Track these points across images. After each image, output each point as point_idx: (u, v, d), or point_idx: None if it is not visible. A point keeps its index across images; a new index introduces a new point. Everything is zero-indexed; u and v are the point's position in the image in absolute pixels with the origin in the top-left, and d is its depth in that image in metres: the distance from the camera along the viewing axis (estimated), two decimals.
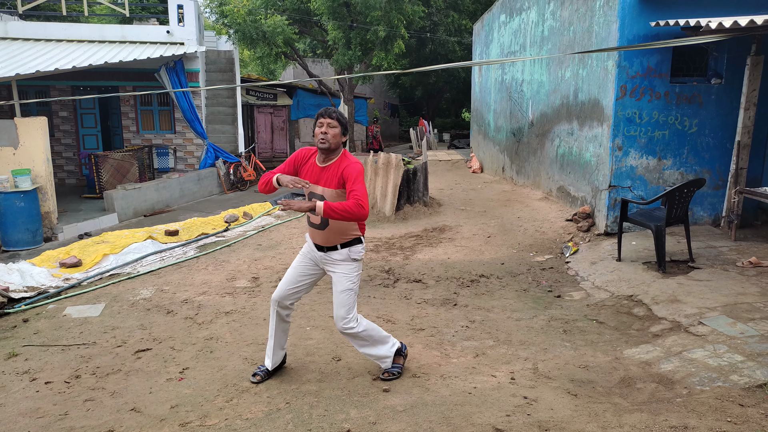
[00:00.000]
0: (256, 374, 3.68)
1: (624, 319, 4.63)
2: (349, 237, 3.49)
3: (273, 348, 3.69)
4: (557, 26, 8.44)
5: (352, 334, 3.54)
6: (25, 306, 5.34)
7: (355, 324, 3.51)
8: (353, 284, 3.51)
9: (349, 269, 3.51)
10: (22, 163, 9.59)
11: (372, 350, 3.63)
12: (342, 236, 3.47)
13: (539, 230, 7.44)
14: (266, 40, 17.13)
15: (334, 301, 3.51)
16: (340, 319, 3.50)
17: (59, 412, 3.40)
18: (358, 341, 3.60)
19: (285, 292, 3.59)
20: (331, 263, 3.52)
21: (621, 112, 6.57)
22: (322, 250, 3.52)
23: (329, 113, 3.36)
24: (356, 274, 3.54)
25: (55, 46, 12.89)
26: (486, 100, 13.66)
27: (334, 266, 3.52)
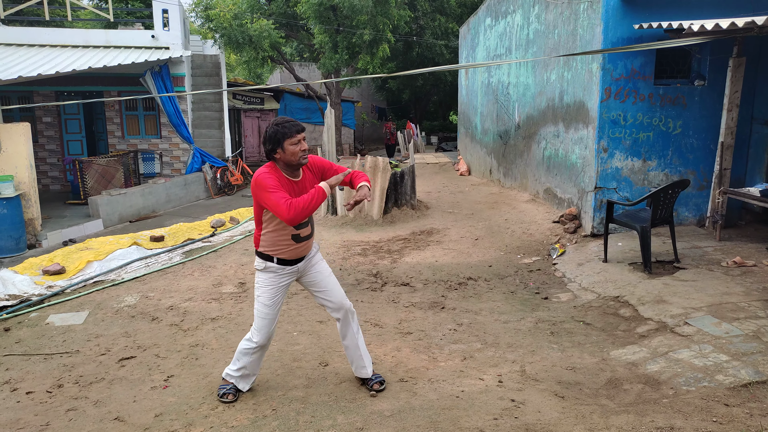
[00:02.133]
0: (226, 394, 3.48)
1: (611, 320, 4.64)
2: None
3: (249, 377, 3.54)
4: (542, 29, 8.49)
5: (354, 312, 3.55)
6: (6, 315, 5.25)
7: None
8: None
9: (321, 255, 3.56)
10: (5, 170, 9.46)
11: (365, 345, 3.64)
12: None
13: (526, 232, 7.46)
14: (252, 44, 17.09)
15: (330, 286, 3.45)
16: (344, 296, 3.49)
17: (41, 422, 3.34)
18: (357, 323, 3.57)
19: (271, 332, 3.42)
20: (308, 262, 3.44)
21: (606, 114, 6.61)
22: (302, 259, 3.40)
23: (300, 126, 3.18)
24: None
25: (38, 51, 12.76)
26: (473, 102, 13.70)
27: (312, 261, 3.46)
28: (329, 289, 3.46)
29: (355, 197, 3.18)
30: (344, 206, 3.26)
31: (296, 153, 3.14)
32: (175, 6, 13.89)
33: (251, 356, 3.45)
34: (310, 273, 3.45)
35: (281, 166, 3.21)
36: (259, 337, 3.38)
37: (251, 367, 3.49)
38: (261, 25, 16.85)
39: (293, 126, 3.14)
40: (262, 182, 3.10)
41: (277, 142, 3.13)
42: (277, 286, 3.36)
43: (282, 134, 3.11)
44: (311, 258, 3.46)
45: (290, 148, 3.13)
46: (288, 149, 3.13)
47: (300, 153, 3.16)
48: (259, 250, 3.34)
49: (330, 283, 3.46)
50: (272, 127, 3.14)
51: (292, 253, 3.32)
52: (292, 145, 3.13)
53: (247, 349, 3.43)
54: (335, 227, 8.34)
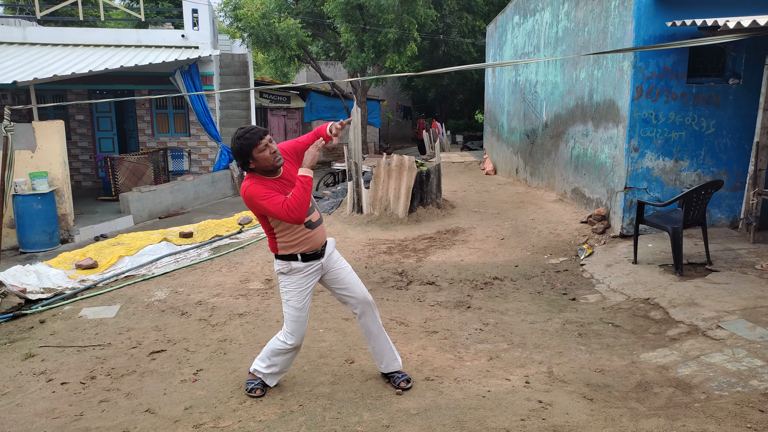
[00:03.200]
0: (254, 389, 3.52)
1: (640, 323, 4.57)
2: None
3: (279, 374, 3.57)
4: (572, 27, 8.38)
5: (375, 305, 3.56)
6: (41, 307, 5.40)
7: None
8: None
9: (338, 253, 3.55)
10: (40, 166, 9.72)
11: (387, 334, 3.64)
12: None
13: (553, 232, 7.38)
14: (280, 44, 17.23)
15: (353, 281, 3.47)
16: (365, 292, 3.50)
17: (75, 412, 3.42)
18: (378, 318, 3.58)
19: (303, 333, 3.45)
20: (329, 259, 3.44)
21: (637, 113, 6.50)
22: (323, 254, 3.39)
23: (262, 132, 3.10)
24: None
25: (72, 50, 13.07)
26: (499, 101, 13.60)
27: (332, 256, 3.46)
28: (352, 284, 3.47)
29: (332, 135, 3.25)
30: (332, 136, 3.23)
31: (268, 158, 3.09)
32: (204, 6, 14.08)
33: (284, 356, 3.49)
34: (333, 270, 3.46)
35: (260, 173, 3.17)
36: (293, 340, 3.41)
37: (282, 365, 3.53)
38: (288, 25, 16.98)
39: (255, 134, 3.08)
40: (252, 195, 3.09)
41: (246, 155, 3.09)
42: (305, 287, 3.36)
43: (247, 146, 3.07)
44: (331, 255, 3.46)
45: (260, 156, 3.08)
46: (258, 157, 3.08)
47: (271, 157, 3.10)
48: (279, 253, 3.33)
49: (352, 279, 3.48)
50: (236, 142, 3.11)
51: (312, 243, 3.30)
52: (260, 152, 3.08)
53: (281, 350, 3.46)
54: (360, 225, 8.37)
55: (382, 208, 8.69)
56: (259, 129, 3.13)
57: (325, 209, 9.38)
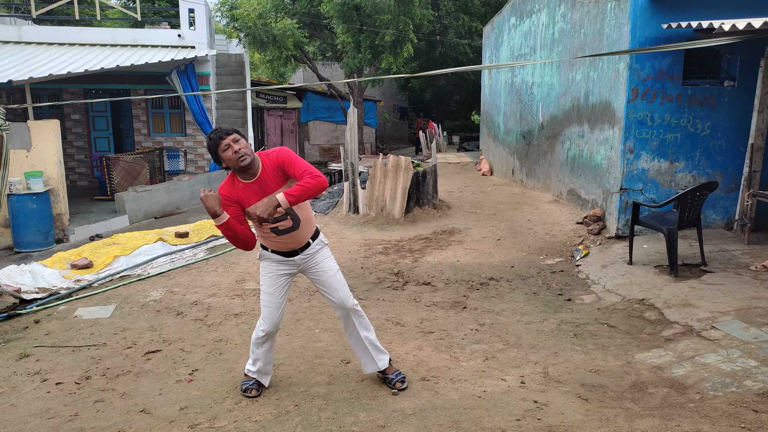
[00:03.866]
0: (249, 389, 3.52)
1: (635, 323, 4.58)
2: (313, 228, 3.42)
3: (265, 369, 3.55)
4: (568, 29, 8.41)
5: (359, 311, 3.50)
6: (36, 307, 5.38)
7: (357, 303, 3.52)
8: (336, 264, 3.52)
9: (328, 253, 3.49)
10: (35, 166, 9.68)
11: (373, 336, 3.57)
12: (310, 228, 3.37)
13: (549, 233, 7.40)
14: (276, 44, 17.24)
15: (334, 286, 3.42)
16: (348, 298, 3.45)
17: (70, 412, 3.41)
18: (362, 322, 3.52)
19: (277, 319, 3.42)
20: (309, 259, 3.41)
21: (632, 114, 6.52)
22: (297, 254, 3.38)
23: (226, 132, 3.11)
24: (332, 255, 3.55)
25: (68, 49, 13.03)
26: (496, 102, 13.62)
27: (315, 258, 3.42)
28: (333, 288, 3.43)
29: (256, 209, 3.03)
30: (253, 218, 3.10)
31: (231, 158, 3.10)
32: (201, 5, 14.06)
33: (261, 346, 3.46)
34: (314, 270, 3.43)
35: (236, 172, 3.20)
36: (265, 326, 3.41)
37: (264, 359, 3.51)
38: (285, 25, 16.99)
39: (218, 134, 3.11)
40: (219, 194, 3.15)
41: (215, 154, 3.14)
42: (276, 274, 3.39)
43: (213, 146, 3.12)
44: (313, 255, 3.41)
45: (224, 156, 3.11)
46: (224, 157, 3.12)
47: (234, 156, 3.09)
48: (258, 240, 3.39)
49: (334, 282, 3.43)
50: (207, 142, 3.17)
51: (279, 246, 3.33)
52: (223, 152, 3.10)
53: (257, 338, 3.46)
54: (357, 226, 8.37)
55: (378, 209, 8.69)
56: (223, 129, 3.14)
57: (321, 209, 9.38)
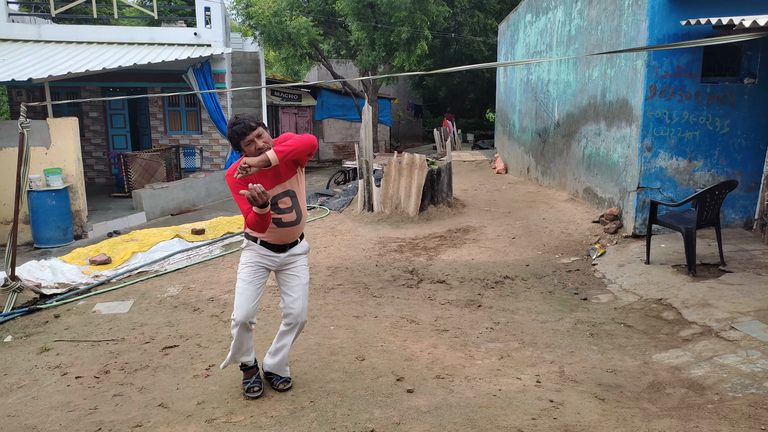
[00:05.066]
0: (251, 388, 3.49)
1: (653, 323, 4.54)
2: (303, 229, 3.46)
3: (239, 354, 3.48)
4: (585, 25, 8.33)
5: (303, 327, 3.50)
6: (56, 302, 5.46)
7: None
8: (307, 276, 3.49)
9: (306, 260, 3.49)
10: (54, 163, 9.82)
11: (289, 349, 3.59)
12: (304, 227, 3.43)
13: (565, 232, 7.35)
14: (291, 42, 17.28)
15: (299, 294, 3.39)
16: (305, 311, 3.43)
17: (89, 406, 3.46)
18: (297, 336, 3.53)
19: (251, 309, 3.33)
20: (292, 258, 3.40)
21: (650, 112, 6.45)
22: (285, 250, 3.36)
23: (248, 125, 3.08)
24: (307, 266, 3.53)
25: (86, 48, 13.18)
26: (511, 100, 13.55)
27: (296, 260, 3.41)
28: (298, 296, 3.38)
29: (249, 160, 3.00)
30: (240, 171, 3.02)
31: (253, 153, 3.09)
32: (216, 4, 14.14)
33: (236, 336, 3.38)
34: (289, 271, 3.41)
35: None
36: (236, 314, 3.32)
37: (234, 346, 3.43)
38: (300, 23, 17.02)
39: (242, 128, 3.09)
40: (229, 183, 3.18)
41: (236, 145, 3.15)
42: (257, 265, 3.35)
43: (237, 139, 3.11)
44: (295, 256, 3.40)
45: (246, 149, 3.11)
46: (245, 150, 3.11)
47: (255, 153, 3.09)
48: (245, 231, 3.37)
49: (300, 291, 3.39)
50: (228, 130, 3.15)
51: (275, 238, 3.31)
52: (246, 146, 3.10)
53: (232, 327, 3.39)
54: (371, 223, 8.38)
55: (392, 207, 8.69)
56: (248, 123, 3.09)
57: (336, 207, 9.41)
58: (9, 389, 3.75)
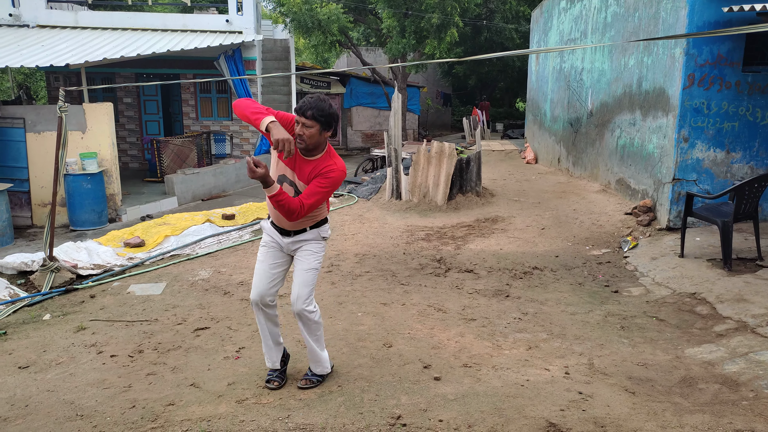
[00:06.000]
0: (271, 380, 3.48)
1: (686, 317, 4.46)
2: (318, 219, 3.32)
3: (266, 347, 3.47)
4: (621, 12, 8.13)
5: (308, 317, 3.32)
6: (92, 283, 5.61)
7: (314, 308, 3.34)
8: (319, 263, 3.35)
9: (318, 247, 3.34)
10: (90, 147, 10.05)
11: (317, 346, 3.41)
12: (312, 219, 3.29)
13: (596, 223, 7.24)
14: (321, 29, 17.28)
15: (297, 280, 3.29)
16: (301, 299, 3.27)
17: (124, 384, 3.56)
18: (310, 328, 3.36)
19: (263, 289, 3.31)
20: (298, 244, 3.33)
21: (688, 102, 6.29)
22: (289, 236, 3.31)
23: (304, 111, 3.01)
24: (322, 254, 3.38)
25: (121, 34, 13.40)
26: (543, 89, 13.34)
27: (303, 245, 3.33)
28: (296, 281, 3.32)
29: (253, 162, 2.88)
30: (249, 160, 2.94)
31: (292, 134, 3.06)
32: None
33: (257, 320, 3.42)
34: (295, 256, 3.37)
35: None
36: (252, 293, 3.36)
37: (262, 334, 3.44)
38: (330, 10, 17.01)
39: (300, 107, 3.04)
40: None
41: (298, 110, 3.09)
42: (269, 245, 3.36)
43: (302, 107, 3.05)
44: (303, 242, 3.32)
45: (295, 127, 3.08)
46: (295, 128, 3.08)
47: (296, 137, 3.06)
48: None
49: (299, 277, 3.30)
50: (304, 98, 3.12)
51: (275, 218, 3.31)
52: (295, 123, 3.08)
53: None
54: (399, 211, 8.38)
55: (421, 195, 8.67)
56: (306, 104, 3.04)
57: (364, 195, 9.42)
58: (48, 365, 3.88)
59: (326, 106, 3.06)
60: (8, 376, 3.74)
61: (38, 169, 10.07)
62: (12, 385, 3.58)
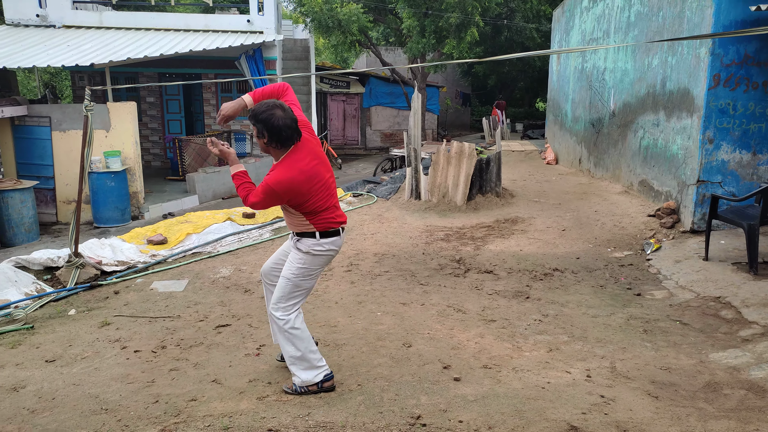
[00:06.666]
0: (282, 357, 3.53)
1: (710, 322, 4.39)
2: (300, 228, 3.29)
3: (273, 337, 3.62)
4: (645, 11, 8.03)
5: (276, 322, 3.28)
6: (115, 279, 5.70)
7: (283, 316, 3.24)
8: (292, 275, 3.26)
9: (296, 257, 3.30)
10: (113, 145, 10.20)
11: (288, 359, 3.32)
12: (292, 224, 3.33)
13: (618, 225, 7.16)
14: (341, 29, 17.31)
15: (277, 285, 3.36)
16: (273, 299, 3.33)
17: (147, 379, 3.61)
18: (281, 335, 3.30)
19: (266, 266, 3.59)
20: (293, 245, 3.38)
21: (713, 102, 6.18)
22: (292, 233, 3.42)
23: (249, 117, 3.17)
24: (299, 266, 3.25)
25: (144, 34, 13.57)
26: (564, 89, 13.22)
27: (293, 249, 3.37)
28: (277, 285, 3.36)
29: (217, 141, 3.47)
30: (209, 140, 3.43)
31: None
32: None
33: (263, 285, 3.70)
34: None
35: None
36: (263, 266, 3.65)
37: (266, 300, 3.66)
38: (350, 10, 17.04)
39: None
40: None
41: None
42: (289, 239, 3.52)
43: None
44: (294, 247, 3.35)
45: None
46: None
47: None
48: None
49: (279, 281, 3.34)
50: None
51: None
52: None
53: None
54: (418, 212, 8.37)
55: (440, 195, 8.65)
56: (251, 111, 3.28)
57: (383, 194, 9.43)
58: (74, 359, 3.95)
59: (260, 110, 3.13)
60: (36, 369, 3.82)
61: (63, 166, 10.25)
62: (39, 378, 3.66)
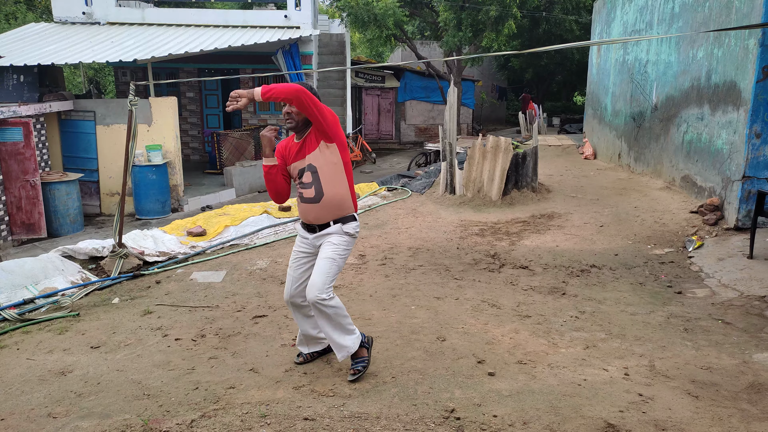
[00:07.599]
0: (299, 355, 3.71)
1: (754, 321, 4.26)
2: (343, 213, 3.35)
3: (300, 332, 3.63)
4: (690, 2, 7.79)
5: (322, 307, 3.26)
6: (157, 269, 5.86)
7: (327, 296, 3.27)
8: (339, 256, 3.31)
9: (339, 240, 3.34)
10: (155, 140, 10.47)
11: (335, 334, 3.37)
12: (336, 211, 3.34)
13: (659, 221, 6.99)
14: (377, 23, 17.31)
15: (314, 270, 3.31)
16: (315, 287, 3.24)
17: (187, 366, 3.72)
18: (328, 316, 3.31)
19: (292, 291, 3.47)
20: (323, 238, 3.38)
21: (761, 95, 5.97)
22: (314, 231, 3.39)
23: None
24: (344, 248, 3.35)
25: (185, 30, 13.85)
26: (604, 82, 12.94)
27: (327, 238, 3.36)
28: (314, 270, 3.33)
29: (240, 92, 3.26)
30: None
31: (284, 115, 3.39)
32: None
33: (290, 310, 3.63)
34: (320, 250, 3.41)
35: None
36: (284, 294, 3.56)
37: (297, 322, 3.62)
38: (386, 4, 17.01)
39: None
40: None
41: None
42: (297, 252, 3.51)
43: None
44: (326, 238, 3.36)
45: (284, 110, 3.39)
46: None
47: (285, 114, 3.37)
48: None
49: (317, 266, 3.31)
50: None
51: (301, 214, 3.47)
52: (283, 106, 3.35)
53: None
54: (453, 206, 8.34)
55: (475, 190, 8.60)
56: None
57: (417, 189, 9.43)
58: (117, 346, 4.09)
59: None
60: (82, 354, 3.97)
61: (107, 160, 10.58)
62: (85, 364, 3.80)
